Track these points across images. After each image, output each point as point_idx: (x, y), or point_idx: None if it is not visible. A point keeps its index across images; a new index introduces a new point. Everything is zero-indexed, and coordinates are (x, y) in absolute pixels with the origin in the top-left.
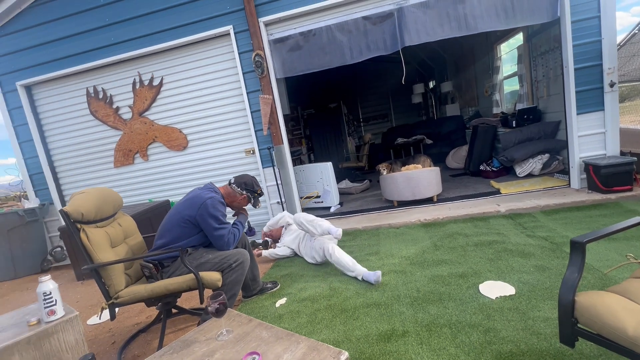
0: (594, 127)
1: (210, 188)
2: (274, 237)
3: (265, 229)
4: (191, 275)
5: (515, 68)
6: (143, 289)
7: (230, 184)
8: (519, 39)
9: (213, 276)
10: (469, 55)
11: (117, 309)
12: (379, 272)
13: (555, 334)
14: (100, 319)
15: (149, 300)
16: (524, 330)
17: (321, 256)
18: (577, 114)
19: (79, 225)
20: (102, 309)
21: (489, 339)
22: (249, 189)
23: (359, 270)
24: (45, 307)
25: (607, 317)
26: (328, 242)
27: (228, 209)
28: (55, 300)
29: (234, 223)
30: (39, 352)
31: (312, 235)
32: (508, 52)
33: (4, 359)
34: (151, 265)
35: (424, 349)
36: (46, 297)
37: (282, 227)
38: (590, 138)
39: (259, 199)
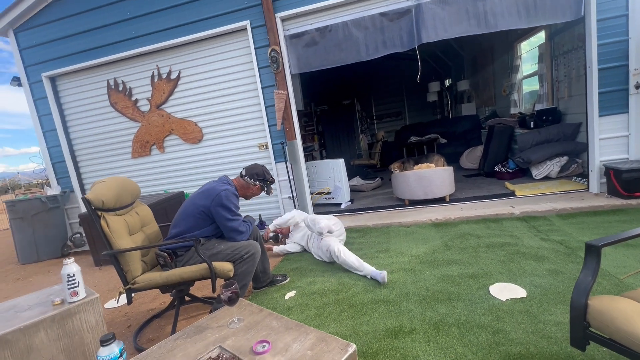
0: (617, 130)
1: (225, 181)
2: (284, 233)
3: (271, 226)
4: (204, 265)
5: (535, 67)
6: (158, 276)
7: (242, 176)
8: (540, 37)
9: (225, 266)
10: (488, 53)
11: (133, 294)
12: (384, 273)
13: (566, 338)
14: (118, 302)
15: (164, 287)
16: (534, 333)
17: (328, 257)
18: (600, 115)
19: (99, 213)
20: (120, 293)
21: (497, 340)
22: (261, 178)
23: (367, 269)
24: (68, 288)
25: (620, 321)
26: (334, 244)
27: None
28: (78, 282)
29: (243, 220)
30: (62, 330)
31: (317, 234)
32: (528, 51)
33: (31, 333)
34: (165, 254)
35: (431, 347)
36: (70, 279)
37: (288, 228)
38: (613, 141)
39: (271, 186)
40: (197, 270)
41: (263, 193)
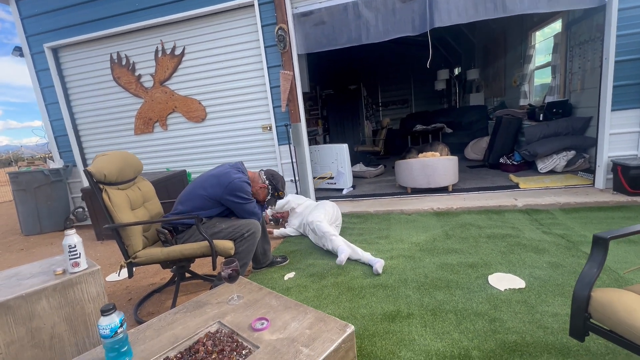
0: (629, 125)
1: (239, 168)
2: (284, 217)
3: (268, 211)
4: (205, 243)
5: (549, 58)
6: (160, 251)
7: (260, 170)
8: (554, 27)
9: (226, 244)
10: (501, 41)
11: (134, 269)
12: (381, 262)
13: (563, 329)
14: (119, 276)
15: (164, 263)
16: (531, 323)
17: (317, 240)
18: (612, 110)
19: (101, 186)
20: (121, 266)
21: (494, 328)
22: (273, 183)
23: (363, 255)
24: (70, 259)
25: (623, 314)
26: (336, 240)
27: None
28: (80, 253)
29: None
30: (64, 299)
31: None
32: (542, 41)
33: (33, 301)
34: (166, 231)
35: (428, 332)
36: (71, 250)
37: (287, 212)
38: (623, 137)
39: (276, 200)
40: (198, 247)
41: (269, 201)
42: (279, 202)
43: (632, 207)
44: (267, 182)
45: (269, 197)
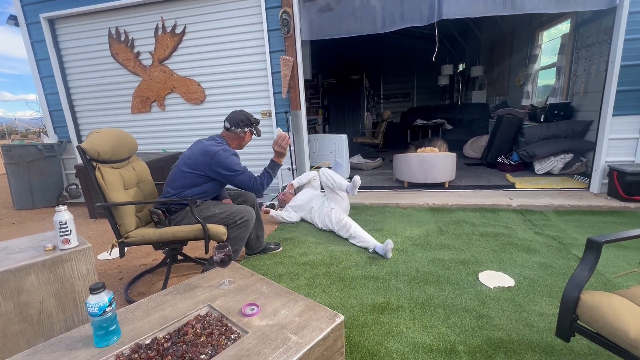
0: (628, 131)
1: (219, 141)
2: (287, 200)
3: (295, 182)
4: (198, 226)
5: (554, 59)
6: (152, 232)
7: (228, 129)
8: (561, 29)
9: (219, 229)
10: (508, 39)
11: (126, 248)
12: (389, 244)
13: (549, 329)
14: (110, 255)
15: (157, 244)
16: (518, 321)
17: (333, 227)
18: (613, 115)
19: (94, 164)
20: (113, 246)
21: (481, 324)
22: (247, 123)
23: (371, 242)
24: (60, 236)
25: (610, 317)
26: (343, 215)
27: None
28: (70, 230)
29: (265, 171)
30: (53, 275)
31: (334, 189)
32: (549, 41)
33: (21, 275)
34: (160, 211)
35: (416, 325)
36: (62, 226)
37: (293, 193)
38: (622, 142)
39: (259, 127)
40: (191, 230)
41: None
42: (308, 175)
43: (624, 213)
44: (245, 129)
45: (256, 133)
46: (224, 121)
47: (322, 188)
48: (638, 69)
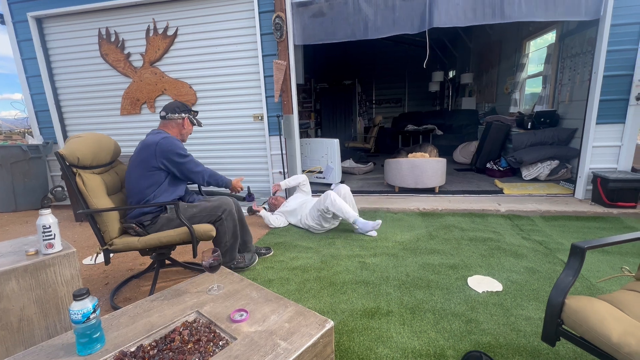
0: (611, 139)
1: (157, 132)
2: (277, 205)
3: (282, 184)
4: (183, 229)
5: (540, 68)
6: (137, 240)
7: (165, 118)
8: (547, 39)
9: (205, 227)
10: (496, 48)
11: (111, 255)
12: (379, 221)
13: (535, 333)
14: (94, 262)
15: (143, 250)
16: (505, 326)
17: (322, 211)
18: (597, 123)
19: (74, 170)
20: (97, 253)
21: (469, 329)
22: (184, 109)
23: (354, 216)
24: (44, 240)
25: (594, 322)
26: (328, 193)
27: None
28: (54, 235)
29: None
30: (35, 281)
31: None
32: (536, 50)
33: (1, 281)
34: (133, 224)
35: (405, 330)
36: (45, 230)
37: (285, 198)
38: (605, 150)
39: (197, 117)
40: (177, 234)
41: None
42: (297, 178)
43: (608, 219)
44: (182, 114)
45: (195, 122)
46: (160, 111)
47: (313, 193)
48: (620, 79)
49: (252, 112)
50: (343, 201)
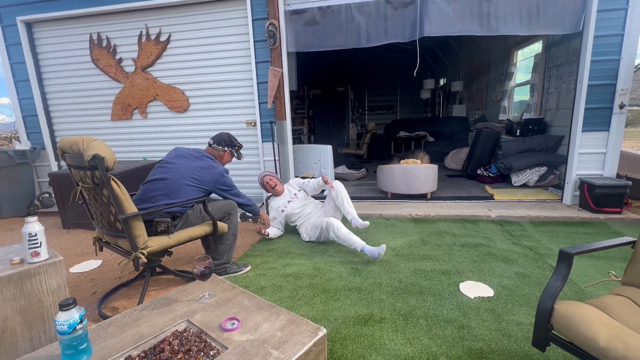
0: (596, 146)
1: (209, 157)
2: (276, 191)
3: (300, 180)
4: (205, 226)
5: (528, 76)
6: (168, 239)
7: (211, 145)
8: (535, 48)
9: (223, 226)
10: (485, 56)
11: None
12: (383, 246)
13: (526, 338)
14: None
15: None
16: (497, 331)
17: (319, 232)
18: (582, 131)
19: (109, 175)
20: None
21: (462, 335)
22: (229, 144)
23: (359, 243)
24: (29, 248)
25: (582, 327)
26: (333, 220)
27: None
28: (40, 243)
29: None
30: (19, 290)
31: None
32: (523, 60)
33: None
34: (168, 219)
35: (399, 336)
36: (31, 238)
37: (277, 179)
38: (591, 157)
39: (240, 151)
40: (203, 229)
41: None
42: (315, 181)
43: (595, 224)
44: (226, 148)
45: (236, 155)
46: (210, 138)
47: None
48: (604, 89)
49: (245, 118)
50: (346, 229)
